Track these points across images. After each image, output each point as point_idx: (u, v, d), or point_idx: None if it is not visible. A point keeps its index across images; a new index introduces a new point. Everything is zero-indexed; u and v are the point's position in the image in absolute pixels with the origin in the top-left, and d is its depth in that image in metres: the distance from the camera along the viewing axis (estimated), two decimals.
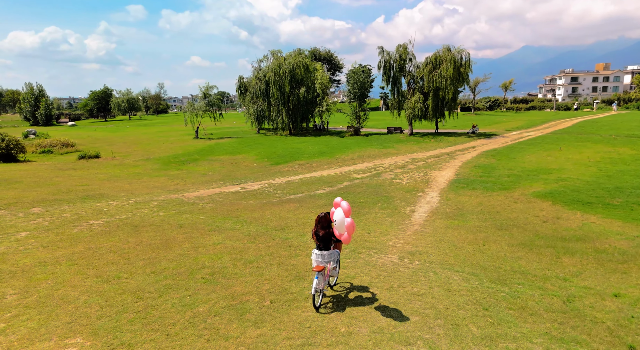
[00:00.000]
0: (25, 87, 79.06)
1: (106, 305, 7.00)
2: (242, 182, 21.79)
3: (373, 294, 7.99)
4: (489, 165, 25.16)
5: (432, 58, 40.16)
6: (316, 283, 7.00)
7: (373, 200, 17.49)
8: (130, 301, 7.14)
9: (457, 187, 19.71)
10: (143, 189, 19.12)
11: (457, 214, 15.19)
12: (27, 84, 78.88)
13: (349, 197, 18.11)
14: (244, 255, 9.82)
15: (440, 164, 26.70)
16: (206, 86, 45.33)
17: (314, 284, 6.99)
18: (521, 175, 22.10)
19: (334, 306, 7.35)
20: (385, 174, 23.77)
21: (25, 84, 78.98)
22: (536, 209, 15.70)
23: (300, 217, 14.22)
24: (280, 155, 31.09)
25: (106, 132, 57.15)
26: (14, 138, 29.69)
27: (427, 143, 37.00)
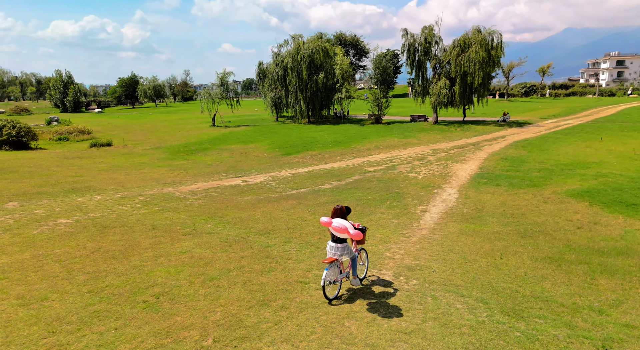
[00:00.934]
0: (54, 74, 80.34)
1: (1, 344, 5.61)
2: (246, 174, 20.38)
3: (347, 328, 6.35)
4: (518, 158, 22.78)
5: (460, 40, 37.36)
6: (325, 274, 7.02)
7: (382, 198, 15.71)
8: (37, 337, 5.74)
9: (479, 183, 17.63)
10: (137, 181, 17.99)
11: (475, 216, 13.23)
12: (56, 71, 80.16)
13: (356, 194, 16.39)
14: (207, 269, 8.33)
15: (463, 155, 24.46)
16: (223, 73, 44.03)
17: (323, 276, 7.03)
18: (554, 169, 19.72)
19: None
20: (401, 166, 21.83)
21: (55, 71, 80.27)
22: (569, 212, 13.54)
23: (293, 218, 12.63)
24: (293, 144, 29.52)
25: (128, 119, 57.09)
26: (26, 125, 29.33)
27: (452, 132, 34.54)
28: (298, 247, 9.87)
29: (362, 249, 8.30)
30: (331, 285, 7.35)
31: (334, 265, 7.29)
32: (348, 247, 7.42)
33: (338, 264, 7.39)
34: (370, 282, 8.21)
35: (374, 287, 7.98)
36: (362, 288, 7.89)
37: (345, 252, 7.35)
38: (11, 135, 27.43)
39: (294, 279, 8.05)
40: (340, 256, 7.32)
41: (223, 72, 43.92)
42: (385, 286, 7.97)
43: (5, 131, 27.32)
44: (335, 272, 7.34)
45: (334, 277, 7.28)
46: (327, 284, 7.14)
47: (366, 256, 8.40)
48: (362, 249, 8.32)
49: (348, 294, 7.63)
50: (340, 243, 7.32)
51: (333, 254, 7.33)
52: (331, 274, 7.20)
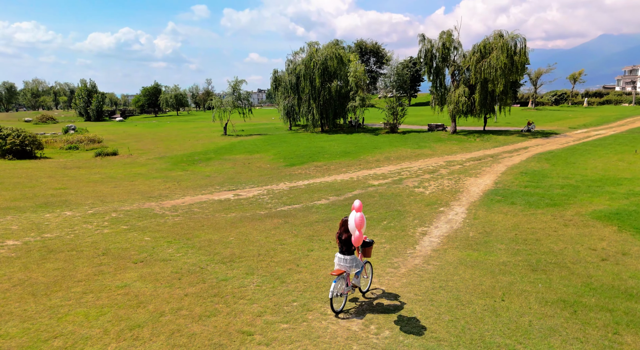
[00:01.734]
0: (80, 83, 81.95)
1: None
2: (241, 188, 19.11)
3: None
4: (539, 172, 20.72)
5: (480, 46, 35.38)
6: (333, 287, 6.93)
7: (379, 216, 14.11)
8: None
9: (492, 201, 15.79)
10: (122, 195, 16.95)
11: (481, 242, 11.49)
12: (81, 81, 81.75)
13: None
14: (137, 312, 6.95)
15: (479, 168, 22.54)
16: (235, 81, 43.24)
17: (331, 288, 6.93)
18: (579, 186, 17.65)
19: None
20: (408, 180, 20.14)
21: (80, 80, 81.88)
22: (594, 238, 11.61)
23: (269, 242, 11.20)
24: (299, 155, 28.18)
25: (145, 127, 57.15)
26: (31, 134, 29.05)
27: (471, 143, 32.49)
28: (259, 281, 8.41)
29: (367, 262, 8.15)
30: (338, 298, 7.24)
31: (342, 278, 7.21)
32: (356, 259, 7.35)
33: (346, 276, 7.32)
34: (330, 334, 6.67)
35: (335, 340, 6.43)
36: (317, 339, 6.35)
37: (353, 264, 7.30)
38: (15, 144, 27.14)
39: (237, 327, 6.59)
40: (349, 268, 7.28)
41: (235, 80, 43.18)
42: (347, 340, 6.41)
43: (9, 140, 27.07)
44: (343, 284, 7.23)
45: (341, 290, 7.18)
46: (335, 296, 7.06)
47: (371, 269, 8.34)
48: (367, 261, 8.20)
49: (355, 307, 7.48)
50: (349, 255, 7.27)
51: (341, 266, 7.28)
52: (339, 286, 7.09)
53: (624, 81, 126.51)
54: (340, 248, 7.32)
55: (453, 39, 36.92)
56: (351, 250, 7.31)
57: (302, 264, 9.51)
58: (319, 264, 9.56)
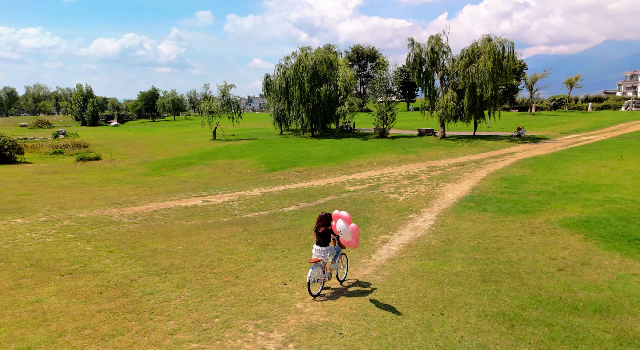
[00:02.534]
0: (76, 88, 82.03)
1: None
2: (213, 193, 18.78)
3: None
4: (519, 178, 20.32)
5: (468, 50, 35.08)
6: (310, 273, 7.86)
7: None
8: None
9: (464, 208, 15.41)
10: (85, 201, 16.63)
11: (441, 250, 11.11)
12: (77, 86, 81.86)
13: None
14: (34, 331, 6.28)
15: (460, 174, 22.16)
16: (224, 85, 43.08)
17: (308, 274, 7.85)
18: (556, 192, 17.25)
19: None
20: (386, 186, 19.77)
21: (77, 85, 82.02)
22: (557, 246, 11.23)
23: (218, 252, 10.82)
24: (282, 160, 27.86)
25: (137, 132, 56.99)
26: (10, 138, 28.84)
27: (459, 148, 32.12)
28: (188, 295, 8.04)
29: (342, 254, 8.94)
30: (315, 283, 8.16)
31: (318, 265, 8.10)
32: (331, 249, 8.32)
33: (322, 264, 8.20)
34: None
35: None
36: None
37: (328, 254, 8.25)
38: None
39: (141, 347, 6.13)
40: (324, 257, 8.18)
41: (224, 84, 43.00)
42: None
43: None
44: (319, 271, 8.14)
45: (317, 276, 8.09)
46: (312, 282, 8.00)
47: (346, 260, 9.17)
48: (343, 253, 8.96)
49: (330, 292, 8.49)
50: (324, 246, 8.22)
51: (317, 255, 8.19)
52: (315, 273, 8.01)
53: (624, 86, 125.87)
54: (318, 240, 8.22)
55: (442, 44, 36.66)
56: (327, 242, 8.25)
57: (242, 275, 9.14)
58: (261, 276, 9.19)
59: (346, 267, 9.14)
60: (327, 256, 8.23)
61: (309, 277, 7.84)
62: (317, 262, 8.05)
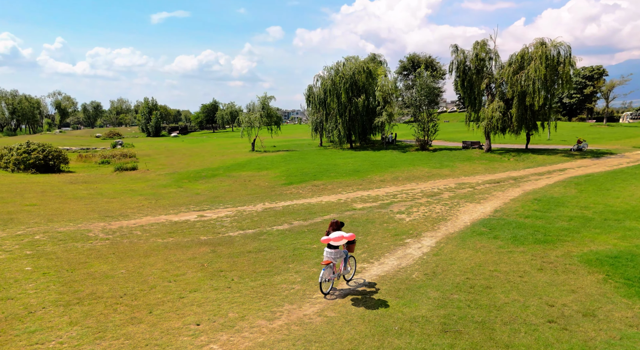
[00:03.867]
0: (143, 101, 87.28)
1: None
2: (214, 208, 18.15)
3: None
4: (556, 199, 17.65)
5: (517, 56, 32.09)
6: (322, 274, 8.66)
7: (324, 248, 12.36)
8: None
9: (473, 233, 13.40)
10: (80, 213, 16.58)
11: (416, 287, 9.42)
12: (144, 99, 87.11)
13: (302, 240, 13.24)
14: None
15: (489, 193, 19.79)
16: (264, 97, 43.12)
17: (320, 274, 8.67)
18: (594, 218, 14.60)
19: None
20: (398, 204, 18.04)
21: (144, 98, 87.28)
22: (564, 289, 9.11)
23: (161, 277, 9.87)
24: (305, 172, 26.85)
25: (189, 143, 58.96)
26: (56, 149, 30.52)
27: (502, 162, 29.22)
28: (71, 336, 6.81)
29: (351, 257, 9.69)
30: (326, 283, 8.90)
31: (329, 267, 8.87)
32: (340, 252, 9.02)
33: (332, 265, 8.94)
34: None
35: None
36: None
37: (338, 256, 8.97)
38: (39, 158, 28.60)
39: None
40: (334, 259, 8.91)
41: (264, 96, 43.03)
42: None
43: (34, 155, 28.59)
44: (330, 272, 8.90)
45: (328, 276, 8.86)
46: (324, 281, 8.78)
47: (354, 262, 9.96)
48: (351, 256, 9.76)
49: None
50: (334, 249, 8.94)
51: (328, 257, 8.91)
52: (327, 273, 8.79)
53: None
54: (329, 244, 8.90)
55: (489, 49, 33.95)
56: (337, 246, 8.92)
57: (158, 311, 8.08)
58: (179, 312, 8.01)
59: (354, 269, 9.93)
60: (337, 258, 8.96)
61: (321, 278, 8.64)
62: (328, 264, 8.78)
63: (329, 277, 8.87)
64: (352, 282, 9.67)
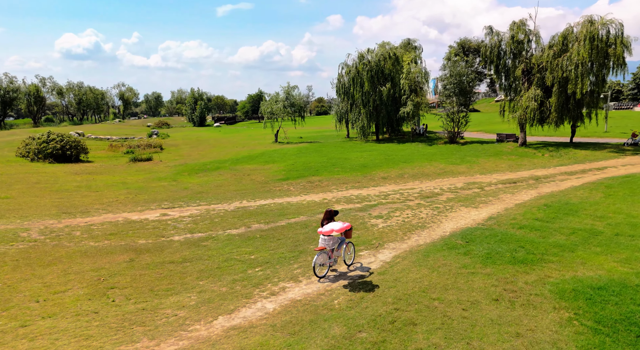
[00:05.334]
0: (190, 92, 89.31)
1: None
2: (187, 206, 17.10)
3: None
4: (571, 206, 14.85)
5: (559, 37, 28.22)
6: (315, 258, 9.18)
7: (261, 260, 10.85)
8: None
9: (443, 247, 11.30)
10: (40, 208, 16.08)
11: (326, 318, 7.74)
12: (191, 90, 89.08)
13: (245, 248, 11.82)
14: None
15: (495, 195, 17.22)
16: (287, 86, 41.78)
17: (314, 259, 9.19)
18: (603, 232, 11.91)
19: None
20: (383, 206, 16.08)
21: (191, 89, 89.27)
22: (509, 331, 7.08)
23: (29, 296, 8.69)
24: (309, 167, 25.30)
25: (221, 133, 59.19)
26: (73, 139, 31.12)
27: (534, 158, 25.92)
28: None
29: (349, 242, 10.13)
30: (320, 267, 9.34)
31: (324, 253, 9.31)
32: (334, 239, 9.42)
33: (327, 251, 9.38)
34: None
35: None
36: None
37: (331, 242, 9.37)
38: (56, 148, 29.30)
39: None
40: (328, 246, 9.31)
41: (287, 85, 41.71)
42: None
43: (51, 145, 29.34)
44: (325, 257, 9.36)
45: (323, 261, 9.34)
46: (318, 266, 9.23)
47: (353, 248, 10.33)
48: (350, 242, 10.16)
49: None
50: (328, 236, 9.26)
51: (322, 244, 9.34)
52: (320, 259, 9.25)
53: None
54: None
55: (529, 30, 30.22)
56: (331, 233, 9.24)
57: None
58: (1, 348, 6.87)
59: (354, 254, 10.33)
60: (331, 245, 9.36)
61: (314, 262, 9.15)
62: (322, 250, 9.27)
63: (323, 262, 9.35)
64: (352, 266, 10.13)
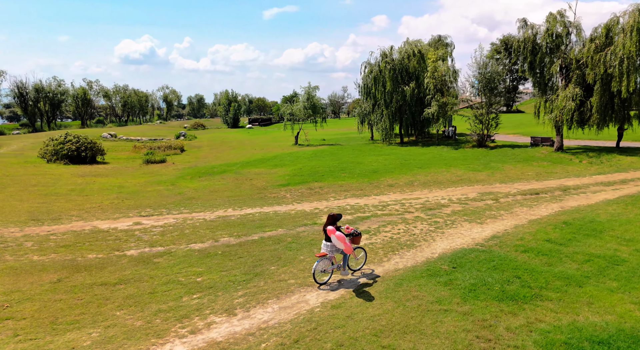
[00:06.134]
0: (221, 94, 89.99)
1: None
2: (167, 214, 15.91)
3: None
4: (596, 225, 12.43)
5: (602, 29, 25.07)
6: (316, 265, 8.76)
7: (206, 284, 9.44)
8: None
9: (423, 274, 9.43)
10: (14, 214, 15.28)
11: None
12: (225, 91, 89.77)
13: (208, 264, 10.47)
14: None
15: (509, 209, 14.95)
16: (308, 87, 40.28)
17: (314, 266, 8.76)
18: (627, 260, 9.65)
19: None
20: (376, 219, 14.25)
21: (226, 91, 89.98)
22: None
23: None
24: (315, 172, 23.69)
25: (247, 135, 58.63)
26: (91, 141, 31.07)
27: (568, 166, 23.04)
28: None
29: (357, 248, 9.64)
30: (322, 273, 9.01)
31: (325, 259, 8.99)
32: (336, 246, 8.93)
33: (329, 257, 9.05)
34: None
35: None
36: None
37: (332, 249, 9.00)
38: (71, 150, 29.34)
39: None
40: (330, 252, 9.01)
41: (308, 86, 40.20)
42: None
43: (67, 146, 29.41)
44: (326, 263, 9.03)
45: (324, 267, 9.01)
46: (318, 273, 8.90)
47: (364, 254, 9.85)
48: (358, 247, 9.70)
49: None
50: (331, 242, 8.95)
51: (324, 250, 9.06)
52: (321, 265, 8.93)
53: None
54: (326, 237, 8.98)
55: (568, 22, 27.18)
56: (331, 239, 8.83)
57: None
58: None
59: (364, 260, 9.81)
60: (333, 251, 8.96)
61: (314, 269, 8.75)
62: (323, 256, 8.87)
63: (324, 268, 8.98)
64: (358, 272, 9.62)
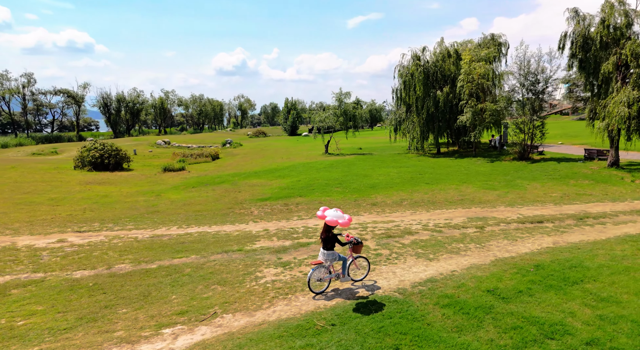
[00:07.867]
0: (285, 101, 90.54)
1: None
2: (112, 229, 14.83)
3: None
4: (577, 272, 9.18)
5: None
6: (310, 274, 8.44)
7: (19, 332, 7.96)
8: None
9: (280, 335, 7.13)
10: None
11: None
12: (285, 99, 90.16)
13: (69, 297, 9.07)
14: None
15: (483, 242, 11.85)
16: (339, 92, 38.08)
17: (309, 274, 8.46)
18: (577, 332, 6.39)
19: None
20: (303, 250, 11.92)
21: (286, 99, 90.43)
22: None
23: None
24: (309, 185, 21.57)
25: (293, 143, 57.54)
26: (116, 148, 31.59)
27: (614, 186, 18.65)
28: None
29: (359, 257, 9.24)
30: (317, 282, 8.59)
31: (321, 267, 8.55)
32: (333, 254, 8.55)
33: (326, 266, 8.58)
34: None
35: None
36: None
37: (330, 258, 8.51)
38: (95, 157, 30.10)
39: None
40: (326, 261, 8.53)
41: (339, 92, 37.99)
42: None
43: (91, 153, 30.23)
44: (322, 272, 8.57)
45: (320, 276, 8.55)
46: (314, 281, 8.54)
47: (367, 264, 9.36)
48: (360, 256, 9.29)
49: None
50: (328, 250, 8.51)
51: (320, 258, 8.58)
52: (316, 274, 8.52)
53: None
54: (324, 245, 8.53)
55: (629, 11, 22.40)
56: (330, 247, 8.46)
57: None
58: None
59: (367, 270, 9.32)
60: (329, 260, 8.53)
61: (309, 277, 8.45)
62: (319, 265, 8.47)
63: (321, 277, 8.59)
64: (359, 282, 9.12)
